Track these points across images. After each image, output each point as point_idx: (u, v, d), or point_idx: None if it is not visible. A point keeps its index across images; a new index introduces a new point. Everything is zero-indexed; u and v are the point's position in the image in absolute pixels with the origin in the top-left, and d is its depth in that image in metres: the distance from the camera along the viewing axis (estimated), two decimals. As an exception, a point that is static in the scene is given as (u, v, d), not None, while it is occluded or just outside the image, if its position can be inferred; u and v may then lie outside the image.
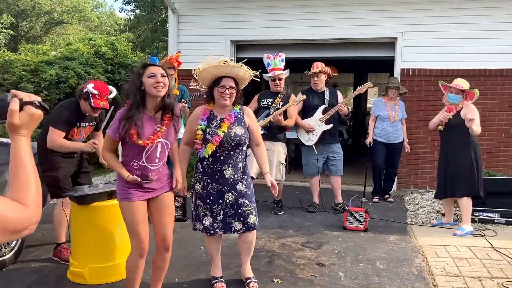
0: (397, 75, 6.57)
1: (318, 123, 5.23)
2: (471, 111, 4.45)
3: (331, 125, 5.22)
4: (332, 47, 7.03)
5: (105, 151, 2.67)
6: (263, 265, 3.59)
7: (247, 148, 3.17)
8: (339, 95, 5.47)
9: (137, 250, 2.67)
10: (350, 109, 6.49)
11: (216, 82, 2.99)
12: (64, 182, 3.63)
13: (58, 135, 3.47)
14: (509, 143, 6.37)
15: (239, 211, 3.04)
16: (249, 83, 3.14)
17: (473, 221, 4.73)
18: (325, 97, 5.33)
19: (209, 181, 3.02)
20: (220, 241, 3.24)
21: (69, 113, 3.52)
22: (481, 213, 4.93)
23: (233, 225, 3.05)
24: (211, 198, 3.03)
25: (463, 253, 3.94)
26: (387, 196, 6.04)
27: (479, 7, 6.32)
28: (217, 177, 3.01)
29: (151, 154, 2.63)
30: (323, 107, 5.27)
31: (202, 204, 3.06)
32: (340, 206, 5.35)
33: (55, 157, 3.58)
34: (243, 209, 3.04)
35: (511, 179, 5.34)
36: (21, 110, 1.18)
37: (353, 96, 5.83)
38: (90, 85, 3.48)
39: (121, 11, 51.55)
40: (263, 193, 5.24)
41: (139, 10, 17.99)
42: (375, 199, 5.96)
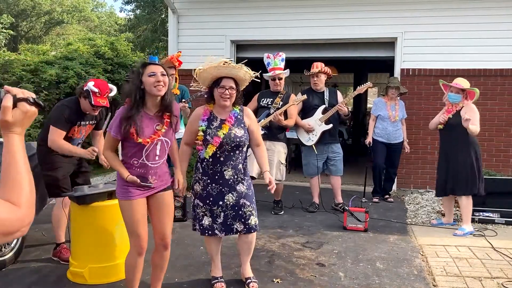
0: (397, 75, 6.57)
1: (318, 123, 5.23)
2: (471, 111, 4.44)
3: (331, 125, 5.22)
4: (332, 47, 7.02)
5: (106, 150, 2.68)
6: (263, 265, 3.58)
7: (247, 149, 3.17)
8: (339, 95, 5.47)
9: (136, 248, 2.68)
10: (350, 109, 6.49)
11: (216, 82, 2.99)
12: (63, 181, 3.63)
13: (59, 134, 3.46)
14: (509, 143, 6.37)
15: (240, 212, 3.03)
16: (249, 83, 3.14)
17: (473, 221, 4.73)
18: (325, 97, 5.32)
19: (209, 181, 3.02)
20: (220, 241, 3.23)
21: (70, 111, 3.52)
22: (481, 213, 4.93)
23: (234, 227, 3.05)
24: (211, 199, 3.02)
25: (463, 253, 3.94)
26: (387, 196, 6.04)
27: (479, 7, 6.32)
28: (217, 177, 3.01)
29: (151, 152, 2.63)
30: (323, 107, 5.27)
31: (201, 204, 3.06)
32: (340, 206, 5.35)
33: (55, 156, 3.58)
34: (244, 210, 3.04)
35: (511, 179, 5.34)
36: (14, 107, 1.12)
37: (353, 96, 5.84)
38: (90, 83, 3.48)
39: (121, 11, 51.71)
40: (263, 193, 5.24)
41: (139, 10, 18.00)
42: (375, 199, 5.96)
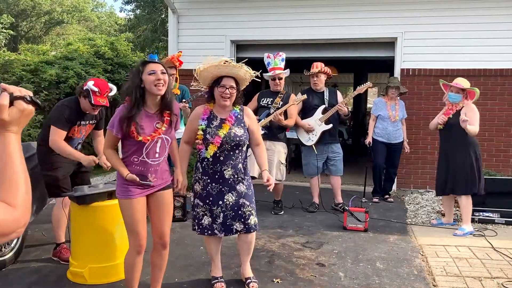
0: (397, 75, 6.57)
1: (318, 123, 5.23)
2: (471, 111, 4.45)
3: (331, 125, 5.22)
4: (332, 47, 7.02)
5: (106, 148, 2.67)
6: (263, 265, 3.58)
7: (247, 148, 3.17)
8: (339, 95, 5.47)
9: (135, 247, 2.68)
10: (350, 109, 6.48)
11: (216, 82, 2.99)
12: (63, 181, 3.63)
13: (59, 134, 3.46)
14: (509, 143, 6.37)
15: (239, 212, 3.03)
16: (249, 83, 3.14)
17: (473, 221, 4.73)
18: (325, 97, 5.32)
19: (209, 181, 3.02)
20: (220, 241, 3.23)
21: (70, 111, 3.51)
22: (481, 213, 4.93)
23: (233, 227, 3.04)
24: (211, 198, 3.02)
25: (463, 253, 3.94)
26: (387, 196, 6.04)
27: (479, 7, 6.32)
28: (217, 177, 3.01)
29: (151, 149, 2.63)
30: (322, 107, 5.27)
31: (201, 204, 3.06)
32: (340, 206, 5.35)
33: (55, 156, 3.57)
34: (244, 210, 3.03)
35: (511, 179, 5.34)
36: (11, 105, 1.10)
37: (353, 96, 5.85)
38: (90, 82, 3.47)
39: (121, 11, 51.63)
40: (263, 193, 5.24)
41: (139, 10, 18.00)
42: (375, 199, 5.96)
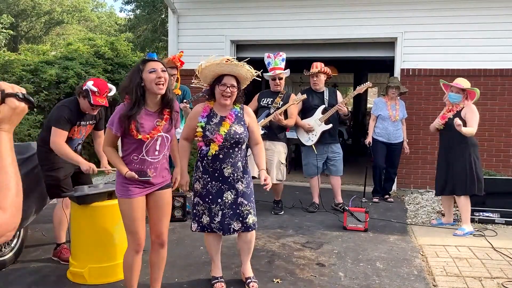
0: (397, 75, 6.56)
1: (317, 123, 5.23)
2: (471, 112, 4.45)
3: (330, 125, 5.22)
4: (332, 47, 7.02)
5: (105, 146, 2.67)
6: (263, 265, 3.58)
7: (246, 147, 3.17)
8: (339, 95, 5.47)
9: (134, 246, 2.68)
10: (350, 109, 6.49)
11: (217, 80, 2.99)
12: (64, 182, 3.63)
13: (61, 135, 3.45)
14: (509, 143, 6.37)
15: (238, 211, 3.04)
16: (249, 83, 3.14)
17: (473, 221, 4.74)
18: (325, 97, 5.32)
19: (209, 179, 3.02)
20: (220, 240, 3.23)
21: (69, 111, 3.51)
22: (481, 213, 4.93)
23: (231, 226, 3.04)
24: (210, 197, 3.03)
25: (463, 253, 3.94)
26: (387, 196, 6.04)
27: (479, 7, 6.32)
28: (216, 175, 3.01)
29: (151, 147, 2.63)
30: (322, 107, 5.26)
31: (201, 202, 3.06)
32: (340, 206, 5.35)
33: (56, 157, 3.57)
34: (242, 209, 3.04)
35: (511, 179, 5.34)
36: (2, 102, 1.07)
37: (353, 96, 5.84)
38: (89, 83, 3.47)
39: (121, 11, 51.59)
40: (263, 193, 5.23)
41: (139, 10, 17.99)
42: (375, 199, 5.96)
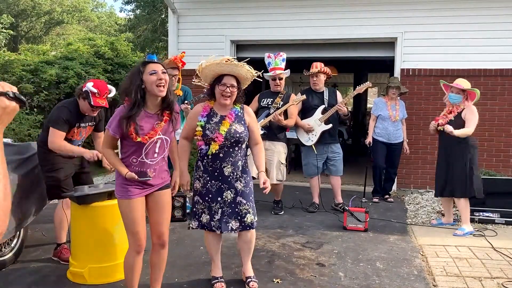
0: (397, 75, 6.56)
1: (317, 123, 5.23)
2: (471, 113, 4.46)
3: (330, 125, 5.22)
4: (332, 47, 7.02)
5: (104, 147, 2.67)
6: (263, 265, 3.58)
7: (246, 147, 3.17)
8: (339, 95, 5.47)
9: (134, 247, 2.68)
10: (349, 109, 6.49)
11: (217, 79, 2.99)
12: (65, 182, 3.62)
13: (58, 135, 3.45)
14: (509, 143, 6.37)
15: (236, 210, 3.04)
16: (250, 83, 3.14)
17: (473, 221, 4.74)
18: (325, 97, 5.32)
19: (208, 178, 3.03)
20: (220, 240, 3.23)
21: (68, 112, 3.51)
22: (481, 213, 4.93)
23: (229, 224, 3.04)
24: (210, 195, 3.03)
25: (463, 253, 3.94)
26: (387, 196, 6.04)
27: (479, 7, 6.32)
28: (216, 174, 3.01)
29: (150, 149, 2.63)
30: (322, 107, 5.26)
31: (201, 201, 3.07)
32: (340, 206, 5.35)
33: (56, 157, 3.57)
34: (240, 208, 3.04)
35: (511, 179, 5.34)
36: None
37: (353, 96, 5.85)
38: (89, 84, 3.47)
39: (121, 11, 51.55)
40: (263, 193, 5.22)
41: (139, 10, 17.99)
42: (375, 199, 5.96)
